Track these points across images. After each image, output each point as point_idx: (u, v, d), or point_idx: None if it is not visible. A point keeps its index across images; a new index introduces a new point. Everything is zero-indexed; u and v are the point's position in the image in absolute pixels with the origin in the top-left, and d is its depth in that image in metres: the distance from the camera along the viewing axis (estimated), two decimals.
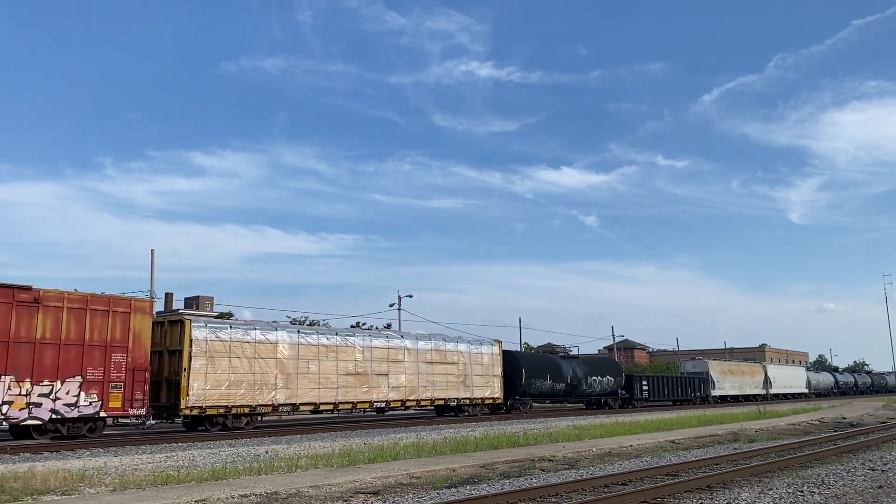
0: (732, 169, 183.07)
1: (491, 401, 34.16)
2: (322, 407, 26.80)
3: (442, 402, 31.81)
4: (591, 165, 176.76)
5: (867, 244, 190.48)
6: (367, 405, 28.37)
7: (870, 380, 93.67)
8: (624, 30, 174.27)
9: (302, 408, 26.18)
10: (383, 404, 28.97)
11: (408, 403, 30.24)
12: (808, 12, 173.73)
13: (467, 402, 32.85)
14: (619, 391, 43.67)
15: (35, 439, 19.71)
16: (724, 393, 55.06)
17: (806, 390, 69.59)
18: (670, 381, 49.83)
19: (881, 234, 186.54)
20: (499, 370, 34.85)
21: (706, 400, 52.33)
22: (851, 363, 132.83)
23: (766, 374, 62.00)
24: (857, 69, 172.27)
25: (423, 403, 31.21)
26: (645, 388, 46.42)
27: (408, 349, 30.36)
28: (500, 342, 36.05)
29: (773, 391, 62.14)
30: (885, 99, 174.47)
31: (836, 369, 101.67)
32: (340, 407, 27.47)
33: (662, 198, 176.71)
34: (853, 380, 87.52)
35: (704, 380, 53.00)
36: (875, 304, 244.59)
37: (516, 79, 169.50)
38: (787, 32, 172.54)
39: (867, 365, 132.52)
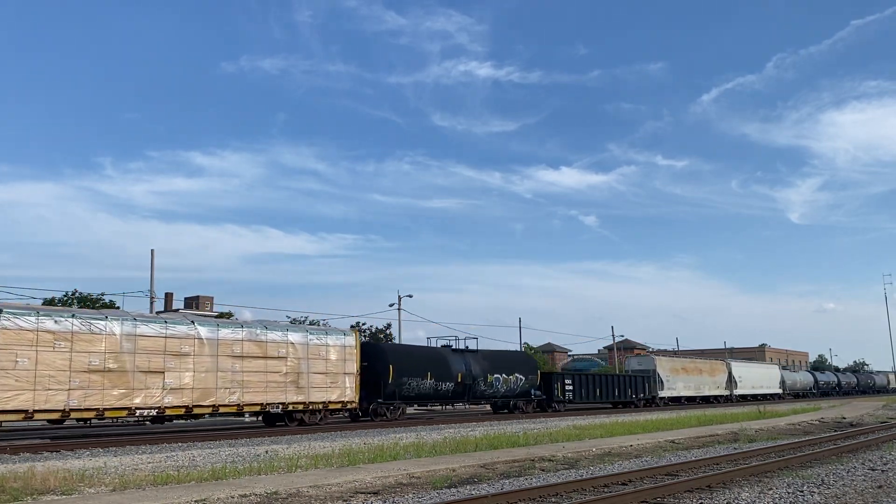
0: (732, 169, 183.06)
1: (340, 405, 27.36)
2: (40, 416, 19.71)
3: (259, 408, 24.74)
4: (590, 165, 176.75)
5: (867, 244, 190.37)
6: (125, 413, 21.26)
7: (856, 380, 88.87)
8: (623, 30, 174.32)
9: (2, 417, 18.84)
10: (154, 411, 21.89)
11: (198, 410, 23.06)
12: (807, 12, 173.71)
13: (301, 407, 25.90)
14: (533, 392, 37.63)
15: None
16: (675, 394, 49.51)
17: (780, 391, 64.95)
18: (604, 381, 44.07)
19: (881, 234, 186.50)
20: (353, 366, 27.76)
21: (653, 402, 47.05)
22: (852, 363, 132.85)
23: (729, 373, 56.84)
24: (857, 69, 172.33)
25: (224, 410, 23.90)
26: (568, 388, 40.41)
27: (200, 338, 23.14)
28: (356, 331, 29.82)
29: (738, 392, 57.23)
30: (884, 99, 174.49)
31: (836, 369, 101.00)
32: (76, 415, 20.52)
33: (662, 198, 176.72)
34: (836, 379, 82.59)
35: (650, 379, 47.12)
36: (875, 304, 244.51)
37: (515, 79, 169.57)
38: (786, 32, 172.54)
39: (867, 365, 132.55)
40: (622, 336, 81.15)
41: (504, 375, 35.69)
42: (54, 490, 10.71)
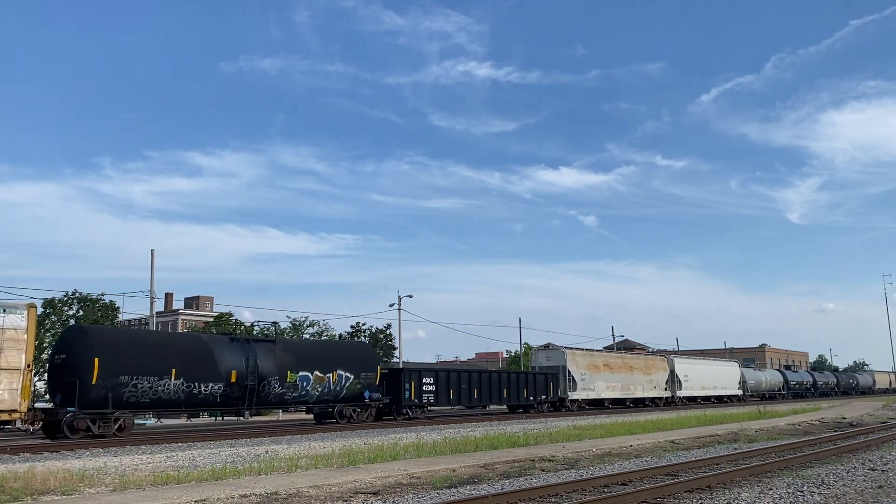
0: (731, 169, 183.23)
1: None
2: None
3: None
4: (589, 165, 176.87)
5: (866, 244, 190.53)
6: None
7: (835, 380, 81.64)
8: (622, 30, 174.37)
9: None
10: None
11: None
12: (806, 13, 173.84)
13: None
14: (370, 395, 28.86)
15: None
16: (594, 395, 41.70)
17: (739, 392, 57.39)
18: (485, 380, 35.18)
19: (880, 234, 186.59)
20: (18, 359, 19.52)
21: (561, 405, 39.27)
22: (851, 363, 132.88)
23: (672, 371, 49.10)
24: (855, 69, 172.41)
25: None
26: (429, 388, 31.50)
27: None
28: (31, 306, 20.67)
29: (683, 393, 49.73)
30: (883, 99, 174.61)
31: (836, 369, 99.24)
32: None
33: (661, 198, 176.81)
34: (811, 379, 75.27)
35: (557, 378, 39.41)
36: (875, 304, 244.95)
37: (514, 79, 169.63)
38: (785, 33, 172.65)
39: (867, 365, 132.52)
40: (622, 336, 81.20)
41: (318, 373, 27.04)
42: (54, 490, 10.70)
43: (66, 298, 47.21)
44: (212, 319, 62.08)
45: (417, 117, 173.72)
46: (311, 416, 30.42)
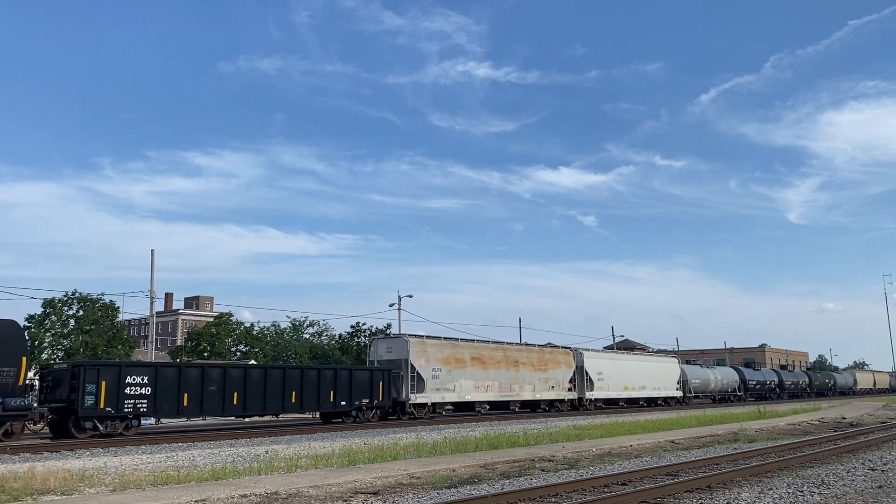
0: (730, 169, 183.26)
1: None
2: None
3: None
4: (588, 165, 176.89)
5: (866, 244, 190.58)
6: None
7: (807, 379, 72.75)
8: (621, 30, 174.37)
9: None
10: None
11: None
12: (805, 13, 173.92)
13: None
14: (2, 401, 18.81)
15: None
16: (451, 398, 32.31)
17: (677, 393, 48.22)
18: (268, 379, 25.29)
19: (880, 234, 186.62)
20: None
21: (402, 412, 30.11)
22: (852, 363, 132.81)
23: (580, 367, 40.29)
24: (855, 69, 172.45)
25: None
26: (137, 391, 21.75)
27: None
28: None
29: (596, 394, 40.75)
30: (882, 99, 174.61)
31: (834, 369, 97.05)
32: None
33: (661, 198, 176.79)
34: (776, 378, 65.87)
35: (398, 375, 30.55)
36: (875, 304, 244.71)
37: (514, 79, 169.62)
38: (784, 33, 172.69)
39: (867, 365, 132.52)
40: (622, 336, 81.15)
41: None
42: (54, 490, 10.70)
43: (66, 298, 47.21)
44: (212, 319, 62.07)
45: (417, 117, 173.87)
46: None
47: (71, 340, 46.34)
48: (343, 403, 27.97)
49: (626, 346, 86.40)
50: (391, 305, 54.58)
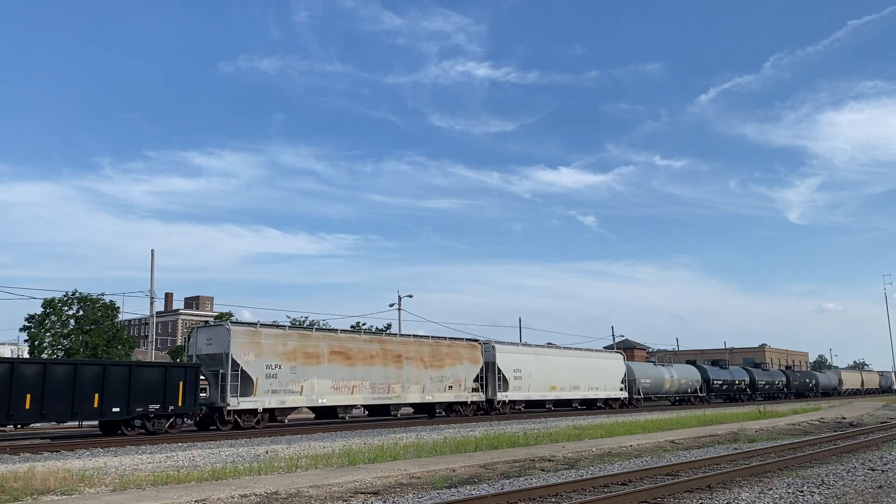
0: (730, 169, 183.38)
1: None
2: None
3: None
4: (588, 165, 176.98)
5: (866, 244, 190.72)
6: None
7: (785, 379, 66.15)
8: (620, 30, 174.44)
9: None
10: None
11: None
12: (804, 13, 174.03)
13: None
14: None
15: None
16: (301, 402, 26.36)
17: (621, 394, 43.09)
18: None
19: (880, 234, 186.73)
20: None
21: (221, 421, 23.86)
22: (852, 363, 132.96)
23: (491, 364, 34.24)
24: (854, 69, 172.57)
25: None
26: None
27: None
28: None
29: (512, 395, 35.04)
30: (882, 99, 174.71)
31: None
32: None
33: (660, 198, 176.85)
34: (746, 378, 59.35)
35: (217, 375, 24.37)
36: (875, 304, 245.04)
37: (513, 79, 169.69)
38: (783, 33, 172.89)
39: (867, 365, 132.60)
40: (622, 336, 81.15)
41: None
42: (54, 490, 10.71)
43: (66, 298, 47.20)
44: (211, 319, 62.10)
45: (416, 117, 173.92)
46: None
47: (71, 340, 46.33)
48: (116, 410, 21.15)
49: (626, 346, 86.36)
50: (391, 305, 54.56)
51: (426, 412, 32.26)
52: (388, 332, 32.42)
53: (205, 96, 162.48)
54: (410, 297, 55.43)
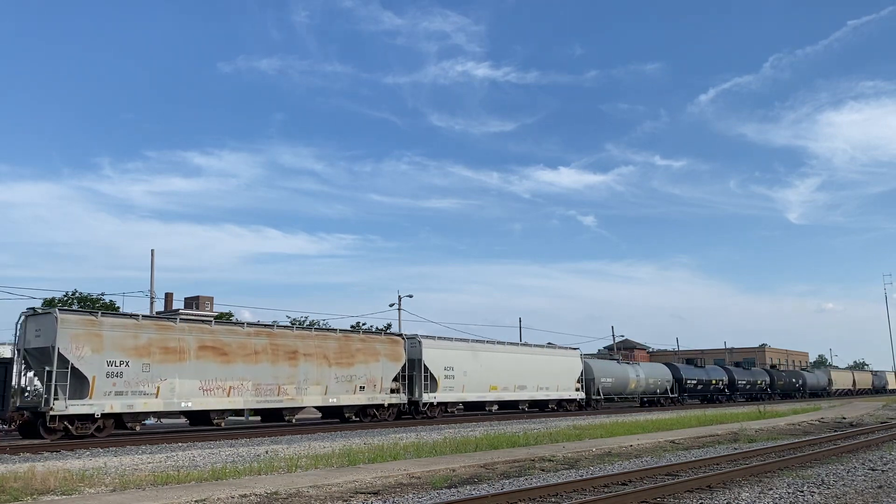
0: (730, 169, 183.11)
1: None
2: None
3: None
4: (588, 165, 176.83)
5: (866, 244, 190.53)
6: None
7: (768, 378, 62.56)
8: (619, 30, 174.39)
9: None
10: None
11: None
12: (803, 13, 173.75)
13: None
14: None
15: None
16: (156, 407, 22.35)
17: (577, 394, 39.85)
18: None
19: (880, 234, 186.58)
20: None
21: (45, 429, 20.11)
22: (852, 363, 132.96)
23: (417, 361, 30.63)
24: (854, 69, 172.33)
25: None
26: None
27: None
28: None
29: (442, 397, 31.36)
30: (881, 99, 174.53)
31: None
32: None
33: (660, 198, 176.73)
34: (725, 378, 55.93)
35: (43, 371, 20.74)
36: (875, 304, 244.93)
37: (513, 79, 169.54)
38: (783, 33, 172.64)
39: (867, 365, 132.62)
40: (622, 336, 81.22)
41: None
42: (54, 490, 10.71)
43: (66, 298, 47.23)
44: (211, 320, 62.06)
45: (416, 117, 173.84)
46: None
47: None
48: None
49: (626, 346, 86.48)
50: (391, 305, 54.58)
51: (337, 416, 28.78)
52: (279, 324, 26.75)
53: (204, 96, 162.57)
54: (410, 297, 55.46)
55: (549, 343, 51.00)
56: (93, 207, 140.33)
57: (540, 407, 38.38)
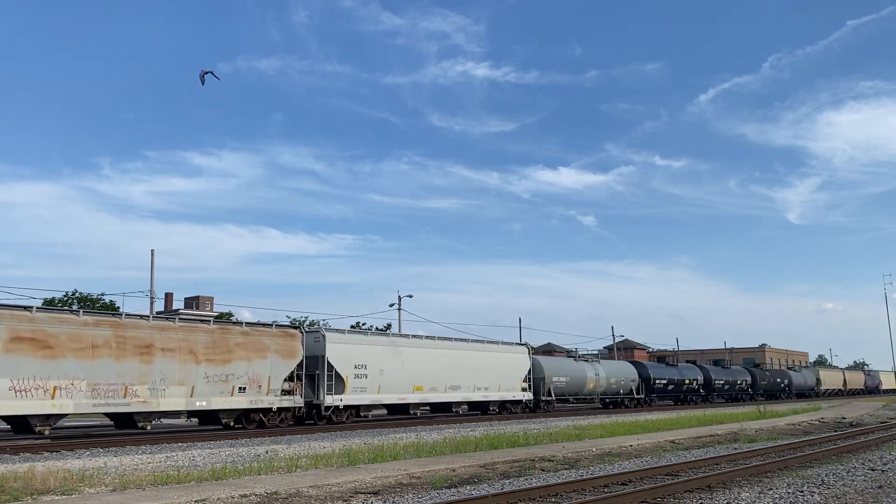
0: (730, 169, 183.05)
1: None
2: None
3: None
4: (588, 165, 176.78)
5: (866, 244, 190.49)
6: None
7: (749, 378, 58.99)
8: (619, 30, 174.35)
9: None
10: None
11: None
12: (803, 13, 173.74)
13: None
14: None
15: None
16: None
17: (523, 395, 35.72)
18: None
19: (879, 234, 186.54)
20: None
21: None
22: (852, 363, 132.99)
23: (320, 357, 26.47)
24: (853, 69, 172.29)
25: None
26: None
27: None
28: None
29: (351, 399, 27.20)
30: (881, 99, 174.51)
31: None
32: None
33: (660, 198, 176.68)
34: (701, 377, 51.99)
35: None
36: (875, 304, 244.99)
37: (512, 79, 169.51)
38: (782, 33, 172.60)
39: (867, 364, 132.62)
40: (622, 336, 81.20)
41: None
42: (54, 490, 10.70)
43: (66, 298, 47.24)
44: (211, 320, 62.09)
45: (416, 117, 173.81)
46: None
47: None
48: None
49: (626, 346, 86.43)
50: (391, 305, 54.60)
51: (215, 422, 24.52)
52: (128, 312, 22.57)
53: (204, 96, 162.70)
54: (410, 297, 55.46)
55: (547, 343, 50.73)
56: (93, 207, 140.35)
57: (482, 409, 34.98)
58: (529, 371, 36.78)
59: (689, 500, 10.05)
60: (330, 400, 26.35)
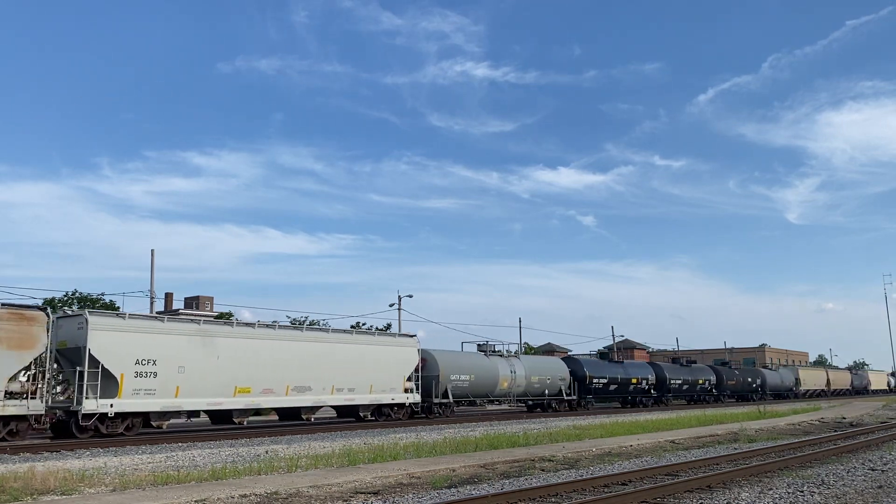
0: (729, 169, 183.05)
1: None
2: None
3: None
4: (587, 165, 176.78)
5: (865, 244, 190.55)
6: None
7: (714, 377, 53.22)
8: (619, 30, 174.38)
9: None
10: None
11: None
12: (802, 13, 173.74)
13: None
14: None
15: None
16: None
17: (406, 397, 29.73)
18: None
19: (879, 234, 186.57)
20: None
21: None
22: (851, 363, 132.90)
23: (80, 349, 20.81)
24: (853, 69, 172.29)
25: None
26: None
27: None
28: None
29: (126, 403, 21.23)
30: (881, 99, 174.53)
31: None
32: None
33: (660, 198, 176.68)
34: (651, 377, 46.29)
35: None
36: (874, 304, 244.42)
37: (512, 79, 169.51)
38: (782, 33, 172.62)
39: (867, 365, 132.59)
40: (622, 336, 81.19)
41: None
42: (54, 490, 10.71)
43: (65, 298, 47.20)
44: (211, 320, 62.05)
45: (415, 117, 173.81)
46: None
47: None
48: None
49: (626, 346, 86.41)
50: (391, 305, 54.55)
51: None
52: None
53: (204, 96, 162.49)
54: (410, 297, 55.36)
55: (547, 343, 49.92)
56: (92, 207, 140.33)
57: (354, 416, 29.10)
58: (418, 368, 30.55)
59: (690, 500, 10.05)
60: (92, 405, 20.56)
